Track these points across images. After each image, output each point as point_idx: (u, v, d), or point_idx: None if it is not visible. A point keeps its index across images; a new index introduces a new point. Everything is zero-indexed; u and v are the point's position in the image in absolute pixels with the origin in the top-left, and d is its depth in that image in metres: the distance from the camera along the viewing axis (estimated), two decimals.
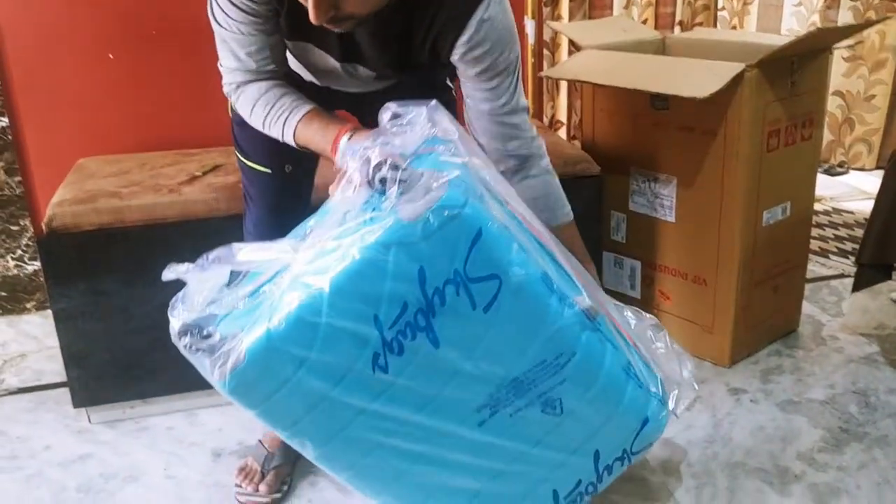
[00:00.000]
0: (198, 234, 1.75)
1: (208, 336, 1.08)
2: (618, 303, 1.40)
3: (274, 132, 1.34)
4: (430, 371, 1.13)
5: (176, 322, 1.10)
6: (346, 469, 1.22)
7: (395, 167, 1.04)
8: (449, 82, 1.55)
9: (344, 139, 1.25)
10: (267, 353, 1.06)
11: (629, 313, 1.41)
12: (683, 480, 1.60)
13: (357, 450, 1.18)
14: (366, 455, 1.19)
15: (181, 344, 1.09)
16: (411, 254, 1.04)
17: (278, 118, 1.32)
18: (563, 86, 2.84)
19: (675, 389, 1.38)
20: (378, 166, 1.05)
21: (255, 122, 1.35)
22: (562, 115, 2.88)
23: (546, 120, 2.84)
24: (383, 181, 1.04)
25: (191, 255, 1.76)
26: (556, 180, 1.44)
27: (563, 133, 2.87)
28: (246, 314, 1.09)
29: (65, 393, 1.86)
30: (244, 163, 1.51)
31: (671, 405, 1.37)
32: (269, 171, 1.48)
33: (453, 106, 1.55)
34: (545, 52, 2.71)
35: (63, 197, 1.76)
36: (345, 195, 1.09)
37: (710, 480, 1.60)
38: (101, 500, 1.60)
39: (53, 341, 1.90)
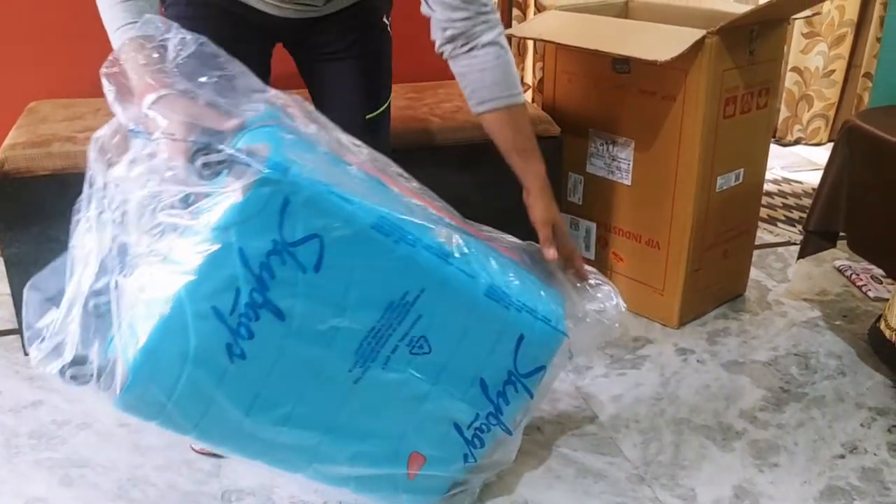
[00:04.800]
0: None
1: (86, 363, 1.08)
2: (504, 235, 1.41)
3: (106, 24, 1.20)
4: (288, 344, 1.14)
5: (37, 355, 1.08)
6: (257, 457, 1.25)
7: (213, 151, 1.02)
8: (385, 19, 1.52)
9: (149, 97, 1.14)
10: (147, 366, 1.07)
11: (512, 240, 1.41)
12: (631, 435, 1.65)
13: (257, 439, 1.21)
14: (270, 446, 1.21)
15: (65, 378, 1.08)
16: (232, 238, 1.05)
17: (116, 16, 1.19)
18: (531, 48, 2.84)
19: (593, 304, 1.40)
20: (197, 153, 1.02)
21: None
22: (528, 78, 2.88)
23: None
24: (207, 165, 1.02)
25: None
26: (510, 55, 1.34)
27: (529, 95, 2.88)
28: (107, 330, 1.09)
29: (15, 340, 1.84)
30: None
31: (605, 304, 1.39)
32: None
33: (389, 46, 1.53)
34: (515, 11, 2.70)
35: (15, 140, 1.72)
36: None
37: (657, 436, 1.65)
38: (53, 446, 1.59)
39: (3, 287, 1.87)
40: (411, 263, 1.17)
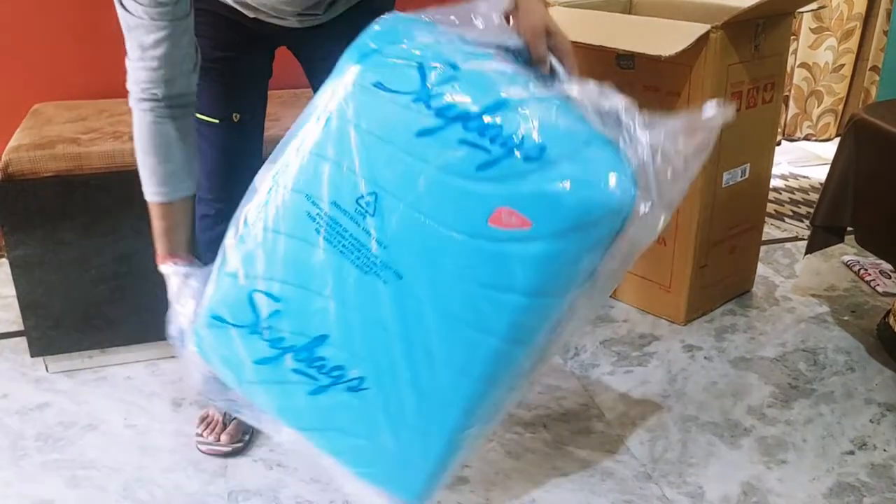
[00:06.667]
0: None
1: None
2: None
3: (140, 169, 1.23)
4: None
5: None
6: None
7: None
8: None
9: (162, 267, 1.23)
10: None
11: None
12: (638, 433, 1.64)
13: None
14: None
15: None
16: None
17: (152, 178, 1.22)
18: None
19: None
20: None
21: (139, 148, 1.22)
22: None
23: None
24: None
25: None
26: None
27: None
28: None
29: (21, 342, 1.84)
30: None
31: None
32: (216, 121, 1.43)
33: None
34: None
35: (20, 142, 1.72)
36: None
37: (664, 433, 1.64)
38: (60, 448, 1.59)
39: (8, 290, 1.88)
40: None
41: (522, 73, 1.08)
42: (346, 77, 1.06)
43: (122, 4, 1.14)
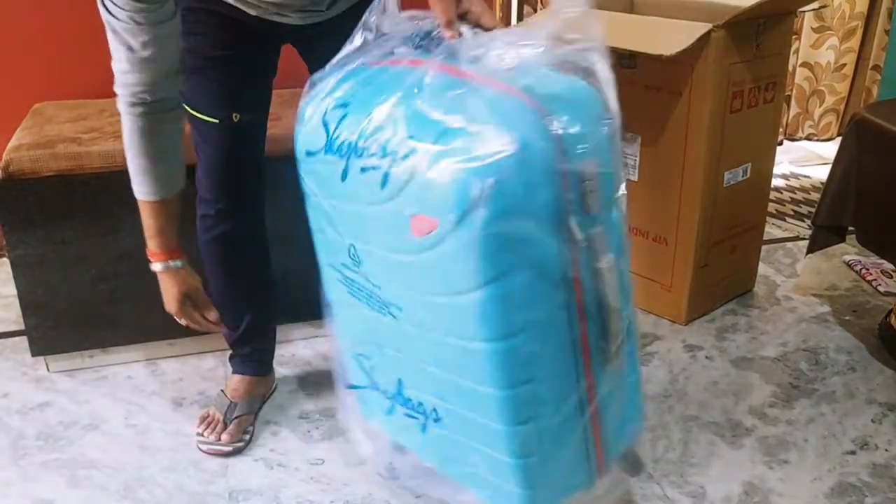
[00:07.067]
0: None
1: None
2: None
3: (132, 170, 1.27)
4: None
5: None
6: None
7: None
8: None
9: (156, 265, 1.35)
10: None
11: None
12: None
13: None
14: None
15: None
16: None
17: (145, 178, 1.27)
18: None
19: None
20: None
21: (130, 151, 1.27)
22: None
23: None
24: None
25: None
26: None
27: None
28: None
29: (22, 341, 1.84)
30: (190, 112, 1.44)
31: None
32: (216, 120, 1.42)
33: None
34: (525, 7, 2.69)
35: (20, 142, 1.72)
36: None
37: (665, 433, 1.64)
38: (60, 448, 1.59)
39: (9, 289, 1.88)
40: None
41: (414, 62, 1.07)
42: (296, 152, 1.16)
43: (106, 9, 1.14)
